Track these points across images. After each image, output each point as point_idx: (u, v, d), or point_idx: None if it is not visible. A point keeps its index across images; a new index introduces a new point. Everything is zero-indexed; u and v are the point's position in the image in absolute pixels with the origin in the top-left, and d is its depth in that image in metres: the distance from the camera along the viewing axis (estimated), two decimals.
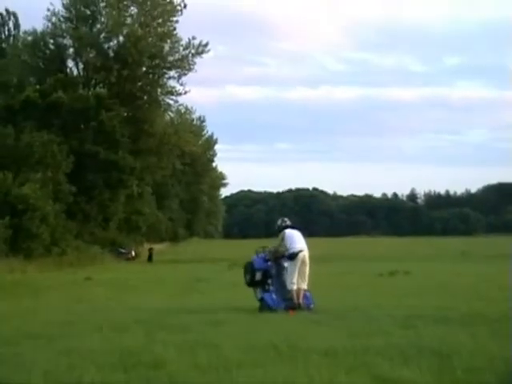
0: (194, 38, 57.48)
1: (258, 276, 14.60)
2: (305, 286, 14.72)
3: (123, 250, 61.26)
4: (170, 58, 58.28)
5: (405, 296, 18.57)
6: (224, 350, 9.26)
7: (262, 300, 14.58)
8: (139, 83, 58.63)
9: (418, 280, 26.35)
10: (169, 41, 58.03)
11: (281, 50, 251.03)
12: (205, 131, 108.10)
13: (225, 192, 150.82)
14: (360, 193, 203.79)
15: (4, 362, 9.02)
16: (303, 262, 14.75)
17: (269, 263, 14.78)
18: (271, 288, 14.61)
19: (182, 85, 58.25)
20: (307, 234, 16.86)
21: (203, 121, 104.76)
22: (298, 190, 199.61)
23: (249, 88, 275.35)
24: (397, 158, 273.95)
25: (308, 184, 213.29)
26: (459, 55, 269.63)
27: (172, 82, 58.87)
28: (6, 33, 59.04)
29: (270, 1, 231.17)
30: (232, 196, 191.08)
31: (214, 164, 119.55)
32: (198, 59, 57.84)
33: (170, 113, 65.39)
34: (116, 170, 55.05)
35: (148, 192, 72.05)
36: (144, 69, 58.49)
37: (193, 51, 57.62)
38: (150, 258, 59.85)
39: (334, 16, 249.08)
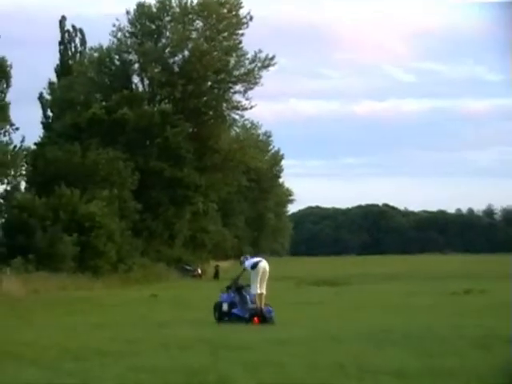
0: (260, 51, 57.61)
1: (225, 307, 17.75)
2: (264, 290, 17.84)
3: (189, 268, 61.75)
4: (236, 72, 58.56)
5: (479, 315, 18.30)
6: (288, 369, 9.39)
7: (232, 315, 17.65)
8: (204, 98, 59.14)
9: (494, 299, 25.86)
10: (234, 54, 58.28)
11: (345, 62, 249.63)
12: (271, 146, 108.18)
13: (292, 208, 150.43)
14: (432, 208, 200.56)
15: (73, 377, 9.37)
16: (264, 270, 17.90)
17: (232, 295, 18.00)
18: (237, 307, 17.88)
19: (247, 99, 58.45)
20: (377, 251, 17.01)
21: (269, 136, 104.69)
22: (367, 205, 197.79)
23: (313, 102, 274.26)
24: (471, 172, 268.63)
25: (377, 200, 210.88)
26: None
27: (238, 97, 59.18)
28: (73, 49, 60.38)
29: (334, 12, 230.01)
30: (299, 213, 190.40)
31: (280, 180, 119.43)
32: (263, 72, 58.10)
33: (235, 128, 65.85)
34: (181, 187, 55.67)
35: (213, 209, 72.50)
36: (209, 83, 58.96)
37: (259, 65, 57.71)
38: (216, 276, 60.13)
39: (399, 25, 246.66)
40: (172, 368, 9.83)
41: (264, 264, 17.94)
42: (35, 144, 52.49)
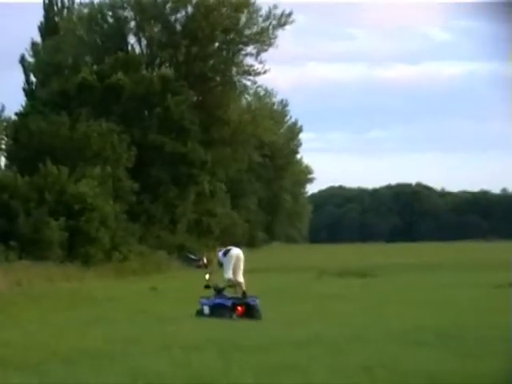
0: (275, 7, 57.25)
1: (206, 310, 18.94)
2: (241, 278, 19.36)
3: (193, 257, 61.39)
4: (247, 32, 58.24)
5: None
6: (309, 374, 9.42)
7: (216, 305, 18.88)
8: (211, 62, 58.98)
9: None
10: (245, 11, 57.81)
11: (373, 20, 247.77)
12: (287, 117, 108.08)
13: (311, 189, 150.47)
14: (474, 188, 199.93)
15: (63, 382, 9.42)
16: (238, 257, 19.60)
17: (213, 298, 19.26)
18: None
19: (260, 62, 58.20)
20: (409, 238, 17.02)
21: (285, 105, 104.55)
22: (398, 185, 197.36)
23: (336, 65, 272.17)
24: None
25: (410, 179, 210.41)
26: None
27: (249, 60, 58.94)
28: (59, 5, 60.17)
29: None
30: (320, 194, 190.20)
31: (298, 156, 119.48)
32: (279, 32, 57.78)
33: (246, 96, 65.69)
34: (184, 165, 55.70)
35: (221, 190, 72.53)
36: (217, 45, 58.79)
37: (274, 23, 57.43)
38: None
39: None
40: (175, 373, 9.88)
41: (237, 251, 19.73)
42: (16, 114, 52.73)
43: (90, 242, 43.99)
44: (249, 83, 60.69)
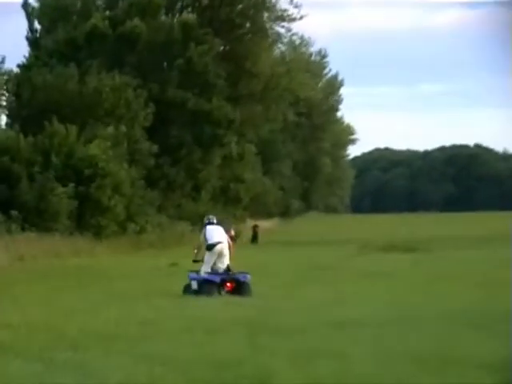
0: None
1: (194, 285, 19.88)
2: (225, 265, 20.33)
3: None
4: None
5: None
6: (351, 361, 9.40)
7: (204, 281, 19.83)
8: (239, 6, 58.77)
9: None
10: None
11: None
12: (326, 70, 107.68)
13: (353, 151, 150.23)
14: None
15: (71, 371, 9.44)
16: (220, 253, 20.25)
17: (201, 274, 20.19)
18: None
19: (296, 7, 57.95)
20: (466, 207, 16.87)
21: (324, 56, 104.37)
22: (453, 147, 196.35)
23: (382, 10, 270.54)
24: None
25: (468, 139, 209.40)
26: None
27: (283, 4, 58.67)
28: None
29: None
30: (363, 157, 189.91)
31: (338, 114, 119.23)
32: None
33: (280, 46, 65.44)
34: (209, 124, 55.67)
35: (251, 152, 72.52)
36: None
37: None
38: (254, 239, 60.41)
39: None
40: (197, 358, 9.89)
41: (221, 247, 20.27)
42: (18, 66, 52.87)
43: (101, 212, 44.13)
44: (282, 31, 60.49)
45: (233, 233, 67.02)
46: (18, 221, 39.09)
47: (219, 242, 20.28)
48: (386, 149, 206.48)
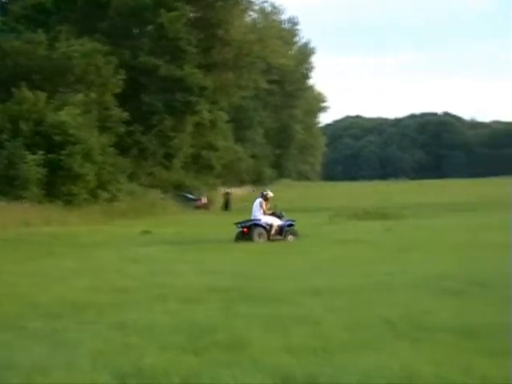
0: None
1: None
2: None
3: (191, 196, 62.07)
4: None
5: None
6: (324, 328, 9.41)
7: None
8: None
9: None
10: None
11: None
12: (297, 37, 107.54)
13: (325, 119, 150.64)
14: (509, 118, 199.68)
15: (43, 339, 9.39)
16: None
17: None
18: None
19: None
20: (437, 174, 16.88)
21: (296, 23, 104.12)
22: (423, 115, 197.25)
23: None
24: None
25: (437, 107, 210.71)
26: None
27: None
28: None
29: None
30: (335, 124, 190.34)
31: (310, 82, 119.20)
32: None
33: (251, 13, 65.29)
34: (181, 91, 55.52)
35: (223, 119, 72.49)
36: None
37: None
38: (226, 206, 60.51)
39: None
40: (171, 326, 9.88)
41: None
42: None
43: (72, 180, 43.97)
44: None
45: (205, 200, 67.55)
46: None
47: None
48: (358, 116, 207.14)
